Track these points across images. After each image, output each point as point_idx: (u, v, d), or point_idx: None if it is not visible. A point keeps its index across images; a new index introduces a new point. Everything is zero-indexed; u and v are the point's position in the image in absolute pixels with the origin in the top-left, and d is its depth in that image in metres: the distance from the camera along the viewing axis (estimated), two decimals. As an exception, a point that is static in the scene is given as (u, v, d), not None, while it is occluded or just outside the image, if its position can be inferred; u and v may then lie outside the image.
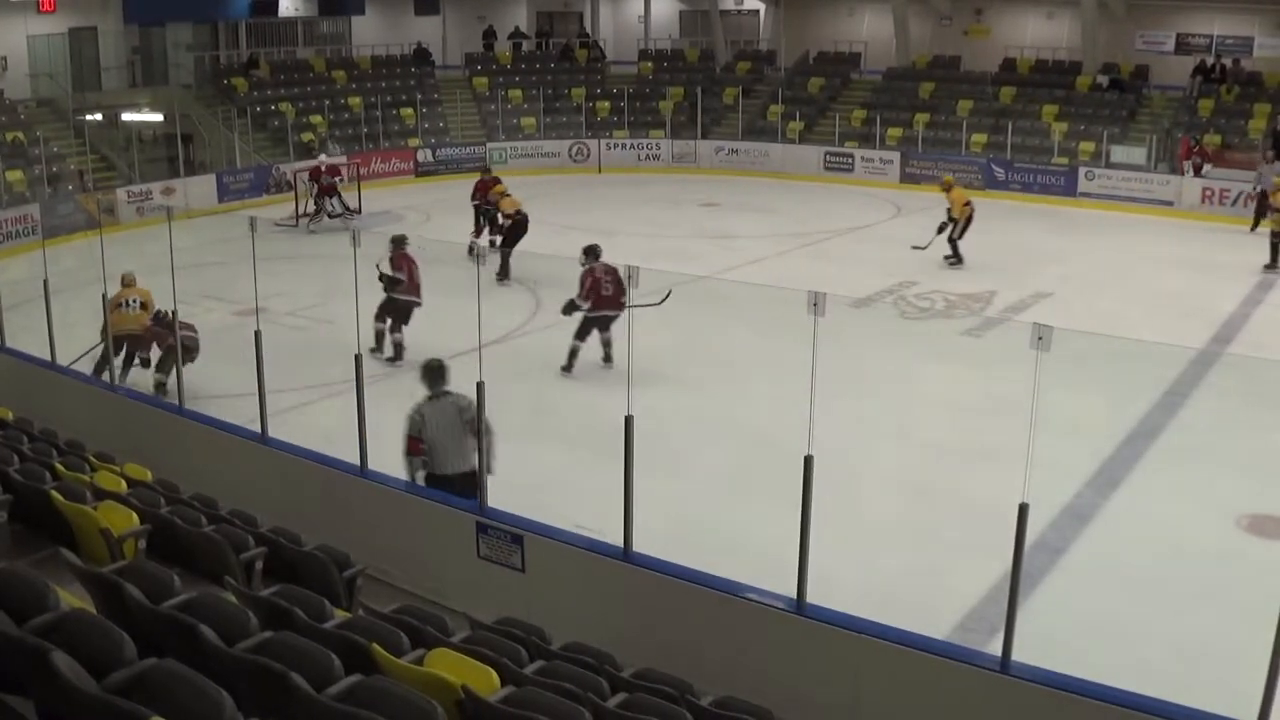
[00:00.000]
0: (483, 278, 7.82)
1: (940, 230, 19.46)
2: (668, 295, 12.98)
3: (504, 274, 17.77)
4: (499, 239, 18.55)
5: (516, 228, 18.35)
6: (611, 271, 13.41)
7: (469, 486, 8.23)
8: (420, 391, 8.68)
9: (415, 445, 8.47)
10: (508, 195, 19.09)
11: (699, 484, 10.62)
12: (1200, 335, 15.55)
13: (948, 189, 19.89)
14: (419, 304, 14.27)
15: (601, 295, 13.40)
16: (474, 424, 8.09)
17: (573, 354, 13.69)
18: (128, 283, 12.85)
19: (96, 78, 28.01)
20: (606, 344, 13.68)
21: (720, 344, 14.90)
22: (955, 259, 19.45)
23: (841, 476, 9.28)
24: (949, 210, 19.51)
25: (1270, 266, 19.49)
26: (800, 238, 21.33)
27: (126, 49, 29.02)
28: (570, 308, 13.65)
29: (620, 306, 13.22)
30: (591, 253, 13.87)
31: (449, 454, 8.45)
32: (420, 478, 8.53)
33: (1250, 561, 9.14)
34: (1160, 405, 12.61)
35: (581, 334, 13.64)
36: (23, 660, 4.07)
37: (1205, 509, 10.02)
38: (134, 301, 12.63)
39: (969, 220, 19.53)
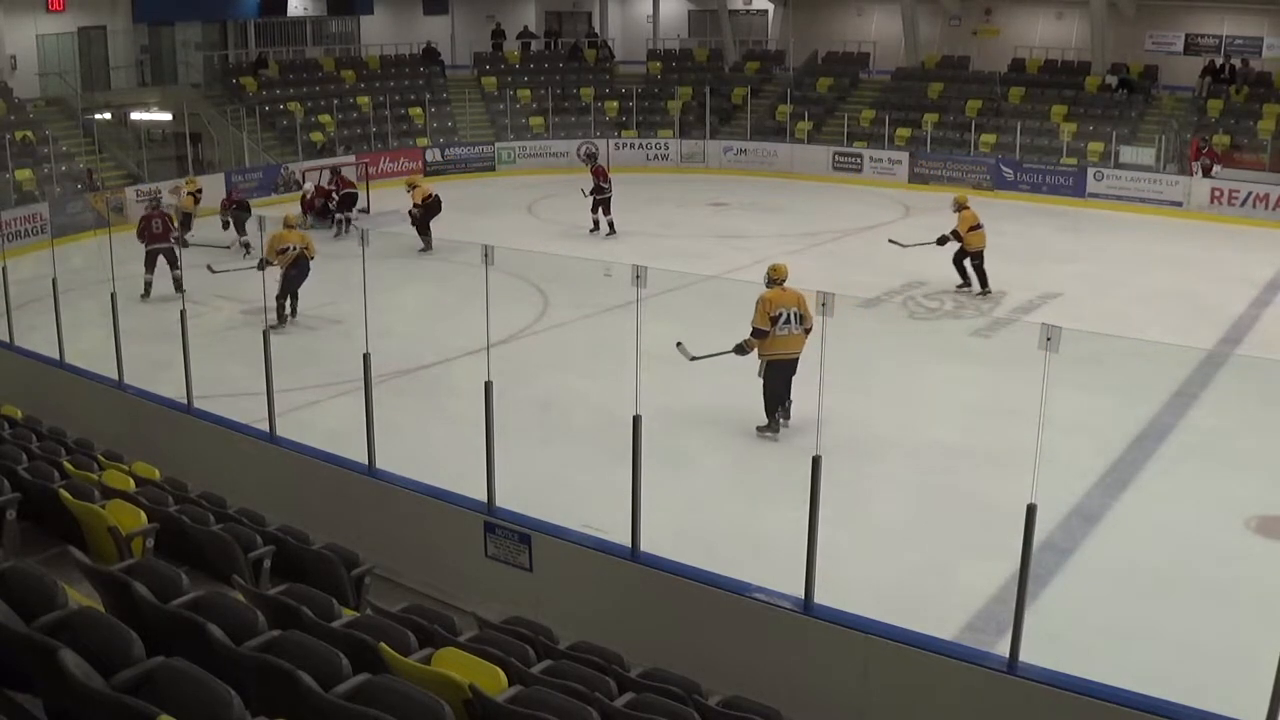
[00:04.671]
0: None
1: None
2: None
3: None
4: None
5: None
6: (602, 170, 22.55)
7: None
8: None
9: None
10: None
11: (707, 483, 10.62)
12: (1209, 336, 15.50)
13: None
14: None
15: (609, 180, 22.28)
16: None
17: (600, 223, 22.07)
18: (290, 225, 16.25)
19: (105, 77, 28.09)
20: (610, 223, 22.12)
21: (729, 344, 14.87)
22: None
23: (850, 477, 9.29)
24: None
25: None
26: (809, 238, 21.31)
27: (135, 48, 29.10)
28: (594, 191, 22.06)
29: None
30: (593, 157, 24.61)
31: None
32: None
33: (1259, 563, 9.11)
34: (1169, 406, 12.57)
35: (597, 209, 22.10)
36: (31, 658, 4.09)
37: (1214, 510, 9.99)
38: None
39: None
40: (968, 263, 17.55)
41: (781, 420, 11.42)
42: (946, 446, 11.41)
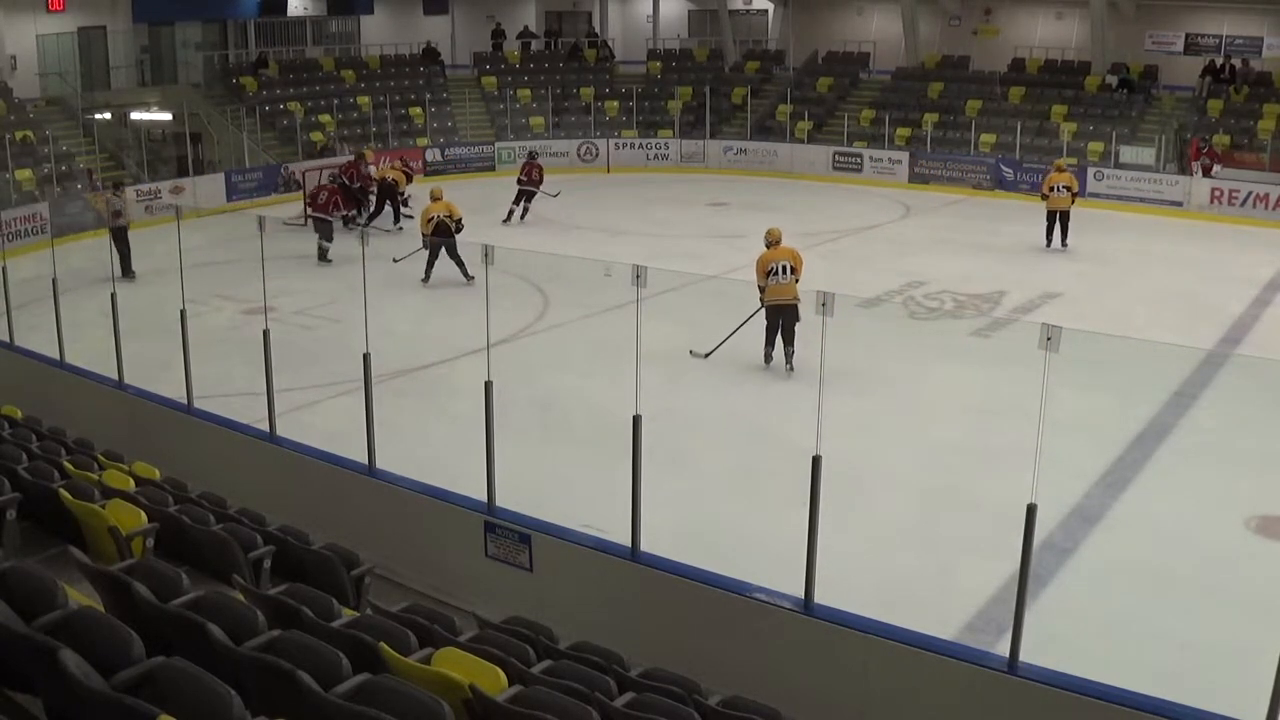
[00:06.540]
0: (485, 276, 7.81)
1: None
2: (558, 193, 23.51)
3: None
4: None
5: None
6: (538, 166, 23.51)
7: None
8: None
9: None
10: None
11: (707, 483, 10.61)
12: (1209, 336, 15.51)
13: None
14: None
15: (532, 177, 23.22)
16: None
17: (510, 214, 22.95)
18: (436, 197, 18.21)
19: (105, 77, 28.08)
20: (525, 210, 23.06)
21: (728, 343, 14.88)
22: None
23: (850, 476, 9.28)
24: None
25: None
26: (809, 238, 21.24)
27: (135, 48, 29.09)
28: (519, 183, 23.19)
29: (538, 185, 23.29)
30: (531, 154, 24.15)
31: None
32: None
33: (1259, 563, 9.12)
34: (1169, 406, 12.57)
35: (518, 200, 22.98)
36: (32, 658, 4.09)
37: (1214, 510, 9.99)
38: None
39: None
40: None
41: (787, 367, 13.00)
42: (947, 446, 11.42)
